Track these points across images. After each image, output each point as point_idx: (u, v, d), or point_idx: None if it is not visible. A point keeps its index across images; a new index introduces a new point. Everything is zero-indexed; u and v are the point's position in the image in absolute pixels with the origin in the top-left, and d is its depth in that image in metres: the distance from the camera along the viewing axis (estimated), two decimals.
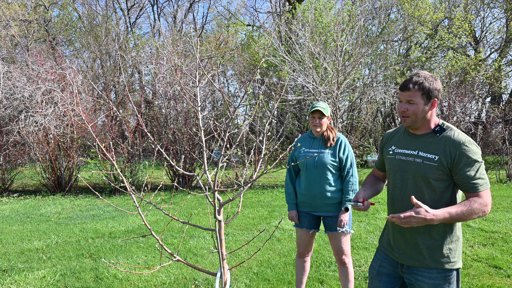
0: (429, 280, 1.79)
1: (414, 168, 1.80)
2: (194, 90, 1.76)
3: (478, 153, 1.73)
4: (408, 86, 1.76)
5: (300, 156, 3.03)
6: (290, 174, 3.15)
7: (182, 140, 9.50)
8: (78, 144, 9.58)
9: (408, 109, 1.77)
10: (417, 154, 1.79)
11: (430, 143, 1.78)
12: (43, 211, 7.23)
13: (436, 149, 1.75)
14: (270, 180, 10.97)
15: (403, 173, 1.84)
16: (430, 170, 1.75)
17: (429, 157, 1.75)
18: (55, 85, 9.66)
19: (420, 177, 1.78)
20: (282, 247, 4.71)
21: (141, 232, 5.49)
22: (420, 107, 1.76)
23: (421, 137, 1.82)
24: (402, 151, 1.86)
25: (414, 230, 1.82)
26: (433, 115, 1.81)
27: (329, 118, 3.02)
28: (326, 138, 2.97)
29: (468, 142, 1.73)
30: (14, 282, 3.74)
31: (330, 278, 3.68)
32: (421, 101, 1.75)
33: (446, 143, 1.74)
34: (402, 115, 1.81)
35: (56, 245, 5.02)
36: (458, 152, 1.71)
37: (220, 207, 1.81)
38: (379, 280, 1.99)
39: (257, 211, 6.77)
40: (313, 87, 9.98)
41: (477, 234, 5.08)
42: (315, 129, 2.97)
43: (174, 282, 3.68)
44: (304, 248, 3.10)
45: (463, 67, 13.01)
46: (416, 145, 1.82)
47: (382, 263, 1.99)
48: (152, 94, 14.35)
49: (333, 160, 2.91)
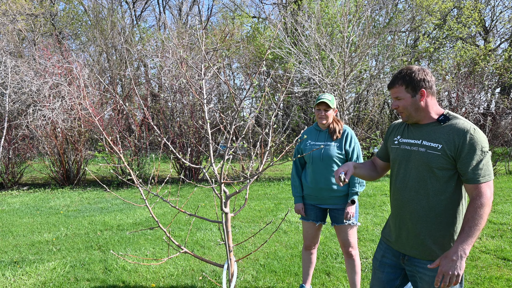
0: (430, 272, 1.77)
1: (418, 157, 1.78)
2: (200, 82, 1.76)
3: (483, 142, 1.68)
4: (393, 84, 1.80)
5: (306, 148, 3.02)
6: (296, 166, 3.14)
7: (188, 133, 9.53)
8: (86, 138, 9.66)
9: (398, 106, 1.80)
10: (421, 143, 1.78)
11: (434, 132, 1.77)
12: (52, 204, 7.33)
13: (440, 138, 1.74)
14: (276, 172, 10.98)
15: (407, 163, 1.83)
16: (433, 159, 1.73)
17: (433, 145, 1.74)
18: (62, 79, 9.72)
19: (423, 166, 1.76)
20: (289, 239, 4.73)
21: (148, 225, 5.55)
22: (408, 101, 1.77)
23: (425, 126, 1.81)
24: (406, 140, 1.85)
25: (416, 220, 1.80)
26: (431, 105, 1.79)
27: (335, 110, 2.99)
28: (332, 131, 2.96)
29: (474, 130, 1.68)
30: (26, 273, 3.81)
31: (337, 270, 3.69)
32: (407, 94, 1.77)
33: (450, 132, 1.72)
34: (398, 112, 1.84)
35: (65, 237, 5.09)
36: (462, 140, 1.68)
37: (226, 199, 1.82)
38: (381, 271, 1.99)
39: (264, 204, 6.79)
40: (319, 79, 9.92)
41: (485, 225, 5.05)
42: (321, 122, 2.96)
43: (181, 274, 3.72)
44: (311, 240, 3.11)
45: (472, 58, 12.82)
46: (420, 135, 1.80)
47: (384, 253, 1.99)
48: (158, 87, 14.38)
49: (339, 152, 2.90)
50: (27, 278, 3.69)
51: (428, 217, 1.76)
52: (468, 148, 1.66)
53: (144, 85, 15.06)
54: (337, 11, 10.60)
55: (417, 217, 1.79)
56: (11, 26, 14.33)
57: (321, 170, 2.91)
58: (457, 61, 12.91)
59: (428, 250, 1.78)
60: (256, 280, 3.53)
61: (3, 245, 4.81)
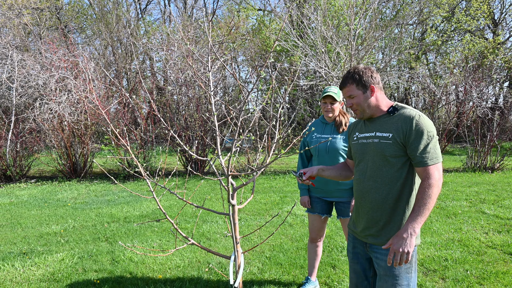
0: (386, 258, 1.84)
1: (373, 148, 1.89)
2: (207, 75, 1.76)
3: (429, 126, 1.77)
4: (344, 84, 1.93)
5: (312, 141, 3.02)
6: (302, 159, 3.14)
7: (194, 126, 9.55)
8: (92, 131, 9.72)
9: (353, 103, 1.92)
10: (375, 135, 1.90)
11: (385, 123, 1.89)
12: (60, 196, 7.41)
13: (390, 128, 1.85)
14: (282, 166, 10.99)
15: (364, 155, 1.95)
16: (386, 147, 1.84)
17: (384, 135, 1.85)
18: (68, 73, 9.76)
19: (378, 155, 1.87)
20: (295, 232, 4.75)
21: (155, 217, 5.59)
22: (361, 98, 1.90)
23: (378, 119, 1.93)
24: (363, 135, 1.98)
25: (376, 209, 1.88)
26: (381, 99, 1.92)
27: (341, 103, 2.99)
28: (338, 124, 2.95)
29: (419, 117, 1.78)
30: (35, 264, 3.86)
31: (342, 263, 3.70)
32: (358, 91, 1.89)
33: (398, 121, 1.83)
34: (352, 110, 1.97)
35: (73, 229, 5.15)
36: (409, 127, 1.78)
37: (233, 191, 1.83)
38: (356, 262, 2.06)
39: (269, 197, 6.81)
40: (325, 72, 9.86)
41: (492, 220, 5.02)
42: (327, 115, 2.95)
43: (188, 266, 3.76)
44: (316, 233, 3.12)
45: (480, 51, 12.66)
46: (374, 127, 1.93)
47: (354, 244, 2.07)
48: (164, 80, 14.39)
49: (345, 145, 2.89)
50: (36, 269, 3.75)
51: (386, 204, 1.85)
52: (415, 133, 1.76)
53: (150, 78, 15.08)
54: (344, 3, 10.49)
55: (376, 206, 1.88)
56: (17, 20, 14.39)
57: (327, 162, 2.91)
58: (465, 54, 12.75)
59: (386, 236, 1.86)
60: (262, 272, 3.56)
61: (12, 236, 4.88)
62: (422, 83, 12.77)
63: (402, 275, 1.82)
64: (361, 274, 2.05)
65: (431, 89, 12.05)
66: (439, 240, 4.28)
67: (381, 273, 1.87)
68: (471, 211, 5.52)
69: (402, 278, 1.82)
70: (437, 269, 3.50)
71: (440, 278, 3.33)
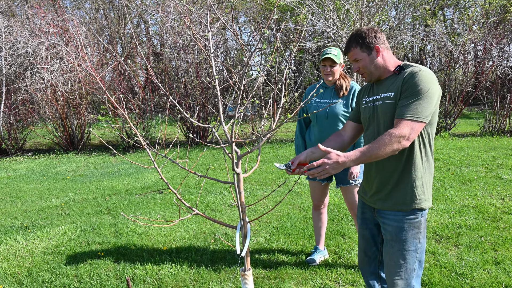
0: (393, 223, 1.87)
1: (380, 110, 1.89)
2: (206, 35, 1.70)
3: (427, 82, 1.72)
4: (348, 48, 1.93)
5: (311, 106, 2.99)
6: (300, 126, 3.14)
7: (195, 94, 9.48)
8: (87, 101, 9.71)
9: (359, 67, 1.91)
10: (380, 96, 1.90)
11: (391, 83, 1.88)
12: (58, 169, 7.52)
13: (393, 87, 1.84)
14: (288, 134, 10.99)
15: (373, 119, 1.94)
16: (389, 108, 1.83)
17: (387, 95, 1.85)
18: (58, 39, 9.62)
19: (385, 117, 1.86)
20: (302, 201, 4.82)
21: (157, 189, 5.68)
22: (366, 60, 1.89)
23: (384, 80, 1.93)
24: (371, 98, 1.97)
25: (384, 172, 1.90)
26: (388, 59, 1.90)
27: (341, 65, 2.93)
28: (338, 87, 2.92)
29: (420, 71, 1.75)
30: (37, 237, 3.98)
31: (352, 232, 3.78)
32: (363, 54, 1.88)
33: (402, 78, 1.81)
34: (360, 74, 1.95)
35: (74, 202, 5.26)
36: (406, 80, 1.77)
37: (238, 159, 1.83)
38: (364, 227, 2.10)
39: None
40: (334, 31, 9.61)
41: (509, 186, 5.04)
42: (327, 78, 2.92)
43: (193, 237, 3.85)
44: (319, 199, 3.17)
45: (502, 5, 12.19)
46: (380, 89, 1.92)
47: (363, 210, 2.10)
48: (161, 45, 14.16)
49: (345, 110, 2.87)
50: (39, 242, 3.87)
51: (394, 168, 1.86)
52: (408, 86, 1.75)
53: (146, 43, 14.83)
54: None
55: (384, 169, 1.90)
56: None
57: (326, 128, 2.91)
58: (485, 9, 12.31)
59: (393, 200, 1.88)
60: (270, 242, 3.64)
61: (12, 210, 5.01)
62: (438, 41, 12.46)
63: (409, 240, 1.85)
64: (369, 239, 2.09)
65: (448, 48, 11.76)
66: (453, 207, 4.32)
67: (388, 238, 1.90)
68: (487, 176, 5.53)
69: (409, 243, 1.85)
70: (450, 236, 3.56)
71: (453, 245, 3.39)
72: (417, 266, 1.89)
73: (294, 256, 3.34)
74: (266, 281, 2.95)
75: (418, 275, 1.91)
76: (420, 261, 1.90)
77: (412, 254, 1.86)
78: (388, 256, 1.91)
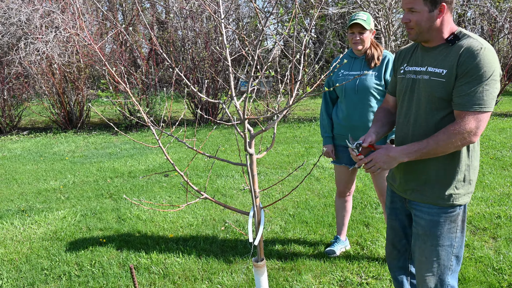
0: (427, 216, 1.83)
1: (422, 86, 1.78)
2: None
3: (490, 64, 1.60)
4: None
5: (339, 80, 2.94)
6: (326, 102, 3.10)
7: (203, 66, 9.44)
8: (86, 75, 9.78)
9: (410, 20, 1.72)
10: (426, 70, 1.77)
11: (441, 55, 1.73)
12: (56, 149, 7.67)
13: (445, 62, 1.69)
14: (307, 112, 10.92)
15: (411, 94, 1.84)
16: (437, 87, 1.71)
17: (437, 71, 1.72)
18: (53, 6, 9.64)
19: (427, 97, 1.76)
20: (322, 187, 4.81)
21: (162, 171, 5.75)
22: (424, 16, 1.69)
23: (433, 50, 1.77)
24: (412, 68, 1.85)
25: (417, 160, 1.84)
26: (446, 23, 1.72)
27: (372, 32, 2.85)
28: (369, 57, 2.84)
29: (482, 49, 1.61)
30: (35, 222, 4.10)
31: (377, 221, 3.77)
32: (424, 8, 1.68)
33: (456, 53, 1.67)
34: (406, 28, 1.77)
35: (73, 185, 5.38)
36: (464, 60, 1.63)
37: (251, 138, 1.82)
38: (393, 218, 2.08)
39: (293, 148, 6.85)
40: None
41: None
42: (356, 47, 2.84)
43: (202, 224, 3.91)
44: (344, 186, 3.15)
45: None
46: (427, 60, 1.78)
47: (393, 199, 2.07)
48: (165, 13, 14.06)
49: (377, 83, 2.80)
50: (37, 227, 3.99)
51: None
52: (467, 67, 1.62)
53: (149, 10, 14.75)
54: None
55: None
56: None
57: (356, 104, 2.86)
58: None
59: (428, 192, 1.82)
60: (285, 231, 3.67)
61: (8, 193, 5.15)
62: (480, 7, 12.04)
63: (444, 235, 1.81)
64: (399, 231, 2.07)
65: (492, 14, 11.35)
66: (491, 195, 4.26)
67: (420, 232, 1.87)
68: None
69: (444, 238, 1.81)
70: (488, 227, 3.52)
71: (491, 237, 3.36)
72: (454, 262, 1.86)
73: (312, 247, 3.36)
74: (281, 272, 2.98)
75: (455, 271, 1.88)
76: (458, 257, 1.86)
77: (446, 250, 1.83)
78: (420, 251, 1.88)
